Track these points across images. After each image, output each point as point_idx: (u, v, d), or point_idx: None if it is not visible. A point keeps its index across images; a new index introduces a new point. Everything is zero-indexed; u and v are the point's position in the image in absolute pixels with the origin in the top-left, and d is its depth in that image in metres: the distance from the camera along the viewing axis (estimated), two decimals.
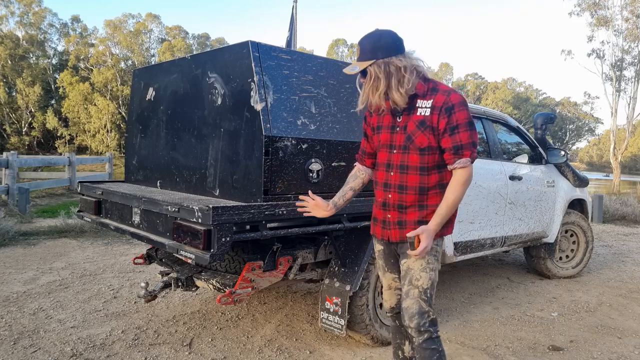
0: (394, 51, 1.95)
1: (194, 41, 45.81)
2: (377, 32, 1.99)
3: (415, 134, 2.02)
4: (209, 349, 3.04)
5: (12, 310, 3.64)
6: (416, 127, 2.02)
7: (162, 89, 3.33)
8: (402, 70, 1.94)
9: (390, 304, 2.33)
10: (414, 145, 2.03)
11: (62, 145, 37.21)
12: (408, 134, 2.04)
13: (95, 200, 3.41)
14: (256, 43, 2.60)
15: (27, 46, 39.02)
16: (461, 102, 1.97)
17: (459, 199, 1.98)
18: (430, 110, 1.99)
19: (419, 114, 2.01)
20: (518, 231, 4.34)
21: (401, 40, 1.99)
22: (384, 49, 1.94)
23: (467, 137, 1.96)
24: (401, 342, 2.37)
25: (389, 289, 2.32)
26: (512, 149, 5.06)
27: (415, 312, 2.03)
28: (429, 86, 2.02)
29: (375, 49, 1.95)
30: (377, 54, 1.94)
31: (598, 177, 38.32)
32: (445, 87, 2.02)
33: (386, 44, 1.95)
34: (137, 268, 4.91)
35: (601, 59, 23.21)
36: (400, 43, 1.98)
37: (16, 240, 6.12)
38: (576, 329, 3.61)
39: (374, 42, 1.96)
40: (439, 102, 1.97)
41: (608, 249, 6.78)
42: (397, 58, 1.94)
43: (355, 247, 3.04)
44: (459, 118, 1.95)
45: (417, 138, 2.02)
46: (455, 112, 1.95)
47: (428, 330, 2.03)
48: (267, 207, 2.46)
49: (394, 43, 1.96)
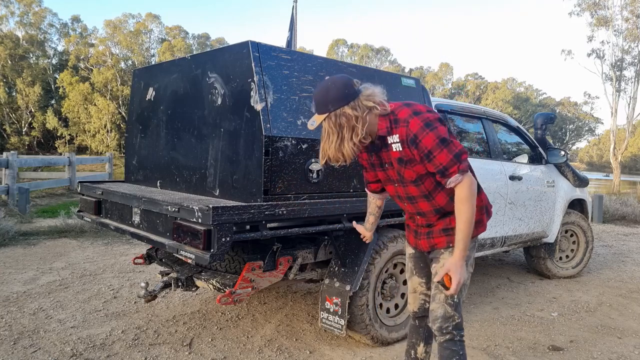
0: (344, 101, 1.89)
1: (194, 41, 45.81)
2: (325, 85, 1.93)
3: (401, 170, 2.02)
4: (209, 349, 3.04)
5: (12, 310, 3.64)
6: (399, 164, 2.01)
7: (162, 89, 3.33)
8: (353, 120, 1.89)
9: (413, 308, 2.34)
10: (406, 179, 2.04)
11: (62, 145, 37.21)
12: (397, 170, 2.04)
13: (95, 200, 3.41)
14: (256, 43, 2.60)
15: (27, 46, 39.02)
16: (422, 128, 1.89)
17: (469, 217, 1.92)
18: (400, 145, 1.96)
19: (395, 150, 1.99)
20: (518, 231, 4.34)
21: (350, 86, 1.91)
22: (334, 101, 1.89)
23: (444, 156, 1.89)
24: (416, 342, 2.37)
25: (414, 292, 2.32)
26: (512, 149, 5.06)
27: (439, 315, 2.06)
28: (390, 119, 1.96)
29: (326, 103, 1.90)
30: (328, 106, 1.90)
31: (598, 177, 38.33)
32: (404, 113, 1.94)
33: (335, 96, 1.89)
34: (137, 268, 4.91)
35: (601, 59, 23.22)
36: (350, 89, 1.91)
37: (16, 240, 6.12)
38: (576, 329, 3.61)
39: (323, 96, 1.92)
40: (402, 136, 1.93)
41: (608, 249, 6.78)
42: (348, 107, 1.89)
43: (355, 247, 3.04)
44: (427, 144, 1.89)
45: (405, 173, 2.02)
46: (420, 140, 1.89)
47: (451, 332, 2.06)
48: (267, 207, 2.46)
49: (343, 92, 1.90)
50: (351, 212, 2.84)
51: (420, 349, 2.35)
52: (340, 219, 2.82)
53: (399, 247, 3.17)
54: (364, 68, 3.15)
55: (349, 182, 2.90)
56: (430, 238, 2.12)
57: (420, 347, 2.36)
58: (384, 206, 2.39)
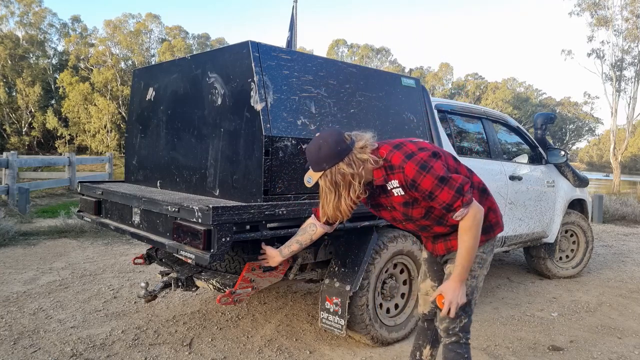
0: (337, 158, 1.86)
1: (194, 41, 45.80)
2: (317, 143, 1.89)
3: (408, 211, 2.01)
4: (209, 349, 3.04)
5: (12, 310, 3.64)
6: (404, 207, 2.00)
7: (162, 89, 3.33)
8: (349, 177, 1.87)
9: (423, 310, 2.33)
10: (414, 217, 2.03)
11: (62, 145, 37.20)
12: (403, 212, 2.03)
13: (95, 200, 3.41)
14: (256, 43, 2.60)
15: (27, 46, 39.02)
16: (418, 172, 1.86)
17: (472, 245, 1.91)
18: (402, 190, 1.94)
19: (396, 195, 1.97)
20: (518, 231, 4.34)
21: (341, 141, 1.87)
22: (327, 159, 1.86)
23: (445, 194, 1.87)
24: (422, 345, 2.36)
25: (425, 294, 2.32)
26: (512, 149, 5.05)
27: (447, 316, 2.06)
28: (385, 167, 1.93)
29: (320, 161, 1.88)
30: (323, 165, 1.88)
31: (598, 177, 38.33)
32: (397, 159, 1.90)
33: (327, 154, 1.86)
34: (137, 268, 4.91)
35: (601, 59, 23.22)
36: (342, 145, 1.86)
37: (16, 240, 6.11)
38: (576, 329, 3.61)
39: (316, 155, 1.88)
40: (401, 182, 1.92)
41: (608, 249, 6.78)
42: (343, 163, 1.86)
43: (355, 247, 3.04)
44: (426, 187, 1.87)
45: (413, 212, 2.01)
46: (418, 184, 1.87)
47: (457, 334, 2.06)
48: (267, 207, 2.46)
49: (335, 149, 1.86)
50: None
51: (427, 351, 2.35)
52: None
53: (399, 247, 3.17)
54: (364, 68, 3.15)
55: None
56: (447, 241, 2.12)
57: (426, 349, 2.35)
58: None
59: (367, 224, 2.99)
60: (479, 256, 2.06)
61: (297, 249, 2.36)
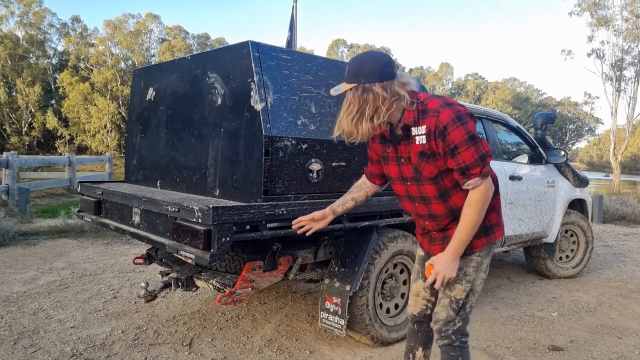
0: (377, 77, 1.80)
1: (194, 41, 45.81)
2: (364, 56, 1.87)
3: (420, 165, 1.91)
4: (209, 349, 3.04)
5: (12, 310, 3.64)
6: (419, 159, 1.91)
7: (162, 89, 3.33)
8: (379, 100, 1.80)
9: (412, 311, 2.27)
10: (424, 176, 1.92)
11: (62, 145, 37.21)
12: (414, 166, 1.93)
13: (95, 200, 3.41)
14: (256, 43, 2.59)
15: (27, 46, 39.02)
16: (453, 120, 1.80)
17: (474, 222, 1.86)
18: (426, 138, 1.86)
19: (418, 143, 1.89)
20: (518, 231, 4.34)
21: (390, 65, 1.83)
22: (367, 74, 1.81)
23: (470, 155, 1.79)
24: (414, 347, 2.32)
25: (416, 295, 2.25)
26: (512, 149, 5.06)
27: (441, 318, 2.03)
28: (418, 109, 1.87)
29: (359, 73, 1.82)
30: (360, 78, 1.82)
31: (598, 177, 38.33)
32: (434, 104, 1.85)
33: (370, 69, 1.81)
34: (137, 268, 4.91)
35: (601, 59, 23.22)
36: (388, 68, 1.83)
37: (16, 240, 6.11)
38: (576, 329, 3.61)
39: (359, 65, 1.84)
40: (430, 127, 1.84)
41: (608, 249, 6.78)
42: (380, 85, 1.80)
43: (355, 247, 3.04)
44: (455, 138, 1.79)
45: (424, 169, 1.91)
46: (448, 133, 1.80)
47: (449, 337, 2.02)
48: (267, 207, 2.46)
49: (380, 68, 1.81)
50: (351, 212, 2.83)
51: (419, 353, 2.31)
52: (340, 219, 2.81)
53: (399, 247, 3.17)
54: None
55: (349, 182, 2.90)
56: (445, 243, 2.04)
57: (418, 351, 2.31)
58: None
59: (367, 224, 2.99)
60: (474, 260, 2.00)
61: (352, 205, 2.25)
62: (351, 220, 2.87)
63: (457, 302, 2.00)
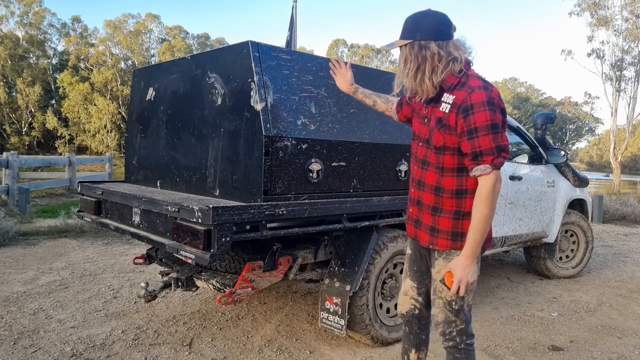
0: (434, 35, 1.80)
1: (194, 41, 45.79)
2: (423, 13, 1.86)
3: (433, 131, 1.89)
4: (209, 349, 3.04)
5: (12, 310, 3.64)
6: (435, 124, 1.88)
7: (162, 89, 3.33)
8: (436, 58, 1.79)
9: (402, 310, 2.25)
10: (431, 142, 1.91)
11: (62, 145, 37.20)
12: (430, 129, 1.91)
13: (95, 200, 3.41)
14: (256, 43, 2.59)
15: (27, 46, 39.02)
16: (483, 102, 1.75)
17: (486, 216, 1.78)
18: (449, 108, 1.83)
19: (441, 109, 1.86)
20: (518, 231, 4.34)
21: (448, 25, 1.83)
22: (424, 30, 1.80)
23: (487, 141, 1.75)
24: (408, 349, 2.30)
25: (405, 294, 2.24)
26: (512, 149, 5.05)
27: (440, 320, 2.02)
28: (459, 80, 1.84)
29: (415, 29, 1.82)
30: (416, 34, 1.81)
31: (598, 177, 38.31)
32: (476, 82, 1.81)
33: (427, 26, 1.81)
34: (137, 268, 4.91)
35: (601, 59, 23.21)
36: (446, 28, 1.82)
37: (16, 240, 6.11)
38: (576, 329, 3.61)
39: (416, 22, 1.83)
40: (458, 100, 1.80)
41: (608, 249, 6.78)
42: (435, 43, 1.79)
43: (355, 247, 3.04)
44: (477, 120, 1.75)
45: (434, 136, 1.89)
46: (473, 112, 1.76)
47: (454, 339, 2.00)
48: (267, 207, 2.46)
49: (437, 27, 1.81)
50: (351, 212, 2.83)
51: (412, 355, 2.29)
52: (340, 219, 2.81)
53: (399, 247, 3.17)
54: (364, 68, 3.15)
55: (349, 182, 2.90)
56: (418, 229, 2.03)
57: (412, 353, 2.29)
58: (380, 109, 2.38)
59: (367, 224, 2.99)
60: None
61: (369, 103, 2.38)
62: (351, 220, 2.87)
63: (449, 303, 1.98)
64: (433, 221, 1.97)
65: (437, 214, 1.95)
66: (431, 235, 1.98)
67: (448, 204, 1.92)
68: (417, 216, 2.04)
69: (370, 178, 3.00)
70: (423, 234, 2.01)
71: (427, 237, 2.00)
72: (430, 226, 1.98)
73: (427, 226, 1.99)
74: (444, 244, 1.94)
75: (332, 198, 2.80)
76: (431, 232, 1.98)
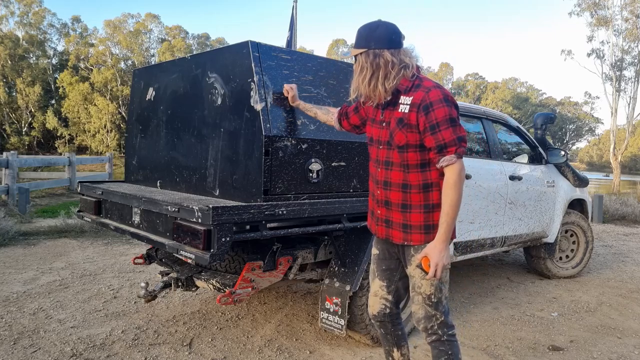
0: (387, 44, 1.92)
1: (194, 41, 45.82)
2: (375, 23, 1.98)
3: (394, 131, 1.99)
4: (209, 349, 3.04)
5: (12, 310, 3.64)
6: (396, 125, 1.98)
7: (162, 89, 3.33)
8: (389, 66, 1.92)
9: (372, 311, 2.27)
10: (394, 142, 2.00)
11: (62, 145, 37.22)
12: (390, 131, 2.01)
13: (95, 200, 3.41)
14: (256, 43, 2.59)
15: (27, 46, 39.03)
16: (441, 99, 1.89)
17: (455, 202, 1.91)
18: (409, 108, 1.94)
19: (400, 110, 1.97)
20: (518, 231, 4.34)
21: (398, 35, 1.96)
22: (377, 40, 1.93)
23: (449, 134, 1.88)
24: (390, 349, 2.33)
25: (375, 295, 2.25)
26: (512, 149, 5.06)
27: (421, 316, 2.06)
28: (414, 83, 1.97)
29: (369, 39, 1.94)
30: (370, 43, 1.93)
31: (598, 177, 38.32)
32: (429, 83, 1.96)
33: (380, 36, 1.93)
34: (137, 268, 4.91)
35: (601, 59, 23.21)
36: (397, 37, 1.95)
37: (16, 240, 6.12)
38: (576, 329, 3.61)
39: (369, 32, 1.95)
40: (417, 100, 1.92)
41: (608, 249, 6.78)
42: (388, 51, 1.92)
43: (355, 247, 3.04)
44: (438, 115, 1.88)
45: (396, 136, 1.98)
46: (433, 109, 1.89)
47: (436, 333, 2.05)
48: (267, 207, 2.46)
49: (389, 36, 1.93)
50: (351, 212, 2.83)
51: (396, 354, 2.31)
52: (340, 219, 2.81)
53: None
54: None
55: (349, 182, 2.90)
56: (389, 228, 2.07)
57: (395, 352, 2.31)
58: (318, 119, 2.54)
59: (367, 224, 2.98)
60: None
61: (311, 114, 2.57)
62: (351, 220, 2.87)
63: (428, 297, 2.03)
64: (404, 218, 2.03)
65: (407, 211, 2.02)
66: (404, 232, 2.04)
67: (417, 200, 2.00)
68: (386, 216, 2.09)
69: None
70: (396, 233, 2.06)
71: (401, 234, 2.05)
72: (402, 224, 2.04)
73: (399, 224, 2.05)
74: (418, 238, 2.01)
75: (332, 198, 2.80)
76: (404, 229, 2.04)
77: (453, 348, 2.06)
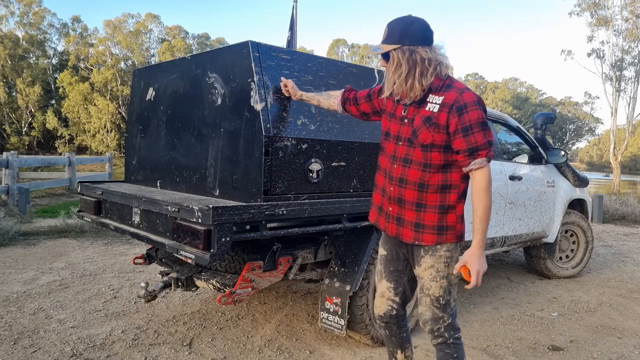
0: (421, 41, 1.89)
1: (194, 41, 45.81)
2: (410, 18, 1.94)
3: (420, 129, 1.95)
4: (209, 349, 3.04)
5: (12, 310, 3.64)
6: (422, 123, 1.94)
7: (162, 89, 3.33)
8: (426, 63, 1.89)
9: (379, 312, 2.26)
10: (418, 141, 1.95)
11: (62, 145, 37.22)
12: (414, 128, 1.96)
13: (95, 200, 3.40)
14: (256, 43, 2.59)
15: (27, 46, 39.03)
16: (474, 102, 1.88)
17: (489, 206, 1.90)
18: (439, 108, 1.91)
19: (428, 109, 1.93)
20: (518, 231, 4.34)
21: (431, 32, 1.93)
22: (412, 36, 1.89)
23: (481, 137, 1.86)
24: (394, 351, 2.32)
25: (381, 296, 2.24)
26: (512, 149, 5.06)
27: (428, 318, 2.04)
28: (444, 82, 1.94)
29: (403, 35, 1.89)
30: (404, 39, 1.89)
31: (598, 177, 38.31)
32: (460, 85, 1.94)
33: (415, 32, 1.89)
34: (137, 268, 4.91)
35: (601, 59, 23.20)
36: (430, 34, 1.92)
37: (16, 240, 6.12)
38: (576, 329, 3.61)
39: (404, 27, 1.90)
40: (449, 100, 1.89)
41: (608, 249, 6.78)
42: (423, 49, 1.89)
43: (355, 247, 3.04)
44: (472, 118, 1.86)
45: (421, 134, 1.94)
46: (467, 111, 1.86)
47: (442, 335, 2.03)
48: (267, 207, 2.46)
49: (424, 33, 1.90)
50: (351, 212, 2.83)
51: (399, 356, 2.30)
52: (340, 219, 2.81)
53: None
54: (364, 68, 3.15)
55: (349, 182, 2.90)
56: (400, 226, 2.04)
57: (398, 354, 2.30)
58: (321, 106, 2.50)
59: (367, 224, 2.98)
60: (444, 255, 2.00)
61: (315, 103, 2.52)
62: (351, 220, 2.87)
63: (437, 299, 2.01)
64: (417, 217, 2.00)
65: (421, 210, 1.99)
66: (416, 231, 2.01)
67: (432, 199, 1.98)
68: (398, 214, 2.06)
69: (370, 178, 3.00)
70: (407, 231, 2.03)
71: (412, 233, 2.02)
72: (414, 222, 2.01)
73: (411, 223, 2.02)
74: (430, 239, 1.99)
75: (332, 198, 2.80)
76: (416, 228, 2.01)
77: (459, 351, 2.04)
